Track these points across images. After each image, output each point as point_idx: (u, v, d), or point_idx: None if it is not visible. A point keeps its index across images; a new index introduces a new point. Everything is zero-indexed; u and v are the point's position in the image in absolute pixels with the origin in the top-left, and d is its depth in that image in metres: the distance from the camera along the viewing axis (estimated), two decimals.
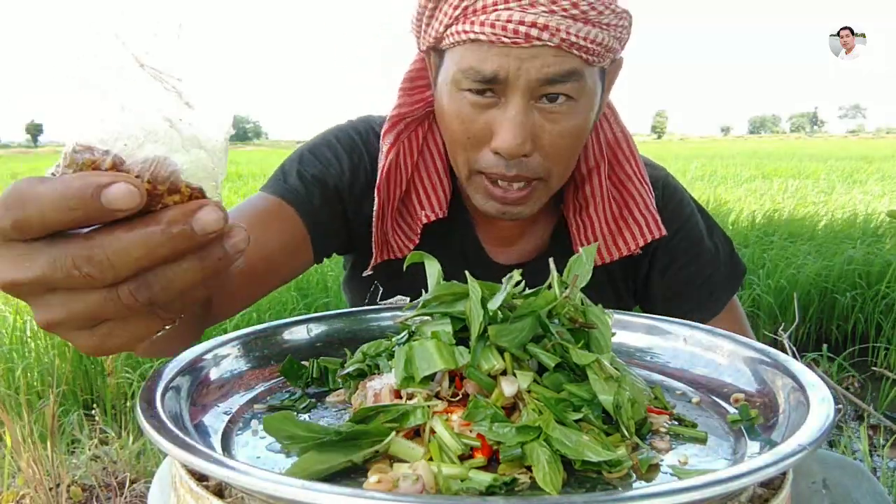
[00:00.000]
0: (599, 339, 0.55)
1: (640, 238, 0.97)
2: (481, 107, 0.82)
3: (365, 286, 1.07)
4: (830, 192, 8.75)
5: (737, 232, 5.12)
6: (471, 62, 0.80)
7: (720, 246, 1.07)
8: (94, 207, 0.35)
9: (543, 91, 0.80)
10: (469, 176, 0.89)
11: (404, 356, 0.51)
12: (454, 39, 0.81)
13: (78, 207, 0.35)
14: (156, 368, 0.56)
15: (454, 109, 0.84)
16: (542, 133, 0.82)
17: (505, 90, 0.80)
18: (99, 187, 0.35)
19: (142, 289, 0.38)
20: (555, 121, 0.82)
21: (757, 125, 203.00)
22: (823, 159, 18.74)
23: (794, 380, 0.54)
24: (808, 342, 3.69)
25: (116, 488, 1.93)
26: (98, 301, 0.39)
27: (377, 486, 0.42)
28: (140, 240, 0.36)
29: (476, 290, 0.53)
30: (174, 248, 0.37)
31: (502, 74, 0.79)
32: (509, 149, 0.80)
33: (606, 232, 0.97)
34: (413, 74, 0.96)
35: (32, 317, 2.89)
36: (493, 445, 0.46)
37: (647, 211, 0.97)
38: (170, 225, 0.36)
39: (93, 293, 0.38)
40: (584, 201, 0.97)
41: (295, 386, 0.64)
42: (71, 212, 0.36)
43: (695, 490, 0.36)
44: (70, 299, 0.39)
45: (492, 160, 0.84)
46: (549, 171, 0.85)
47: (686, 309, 1.03)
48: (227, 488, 0.43)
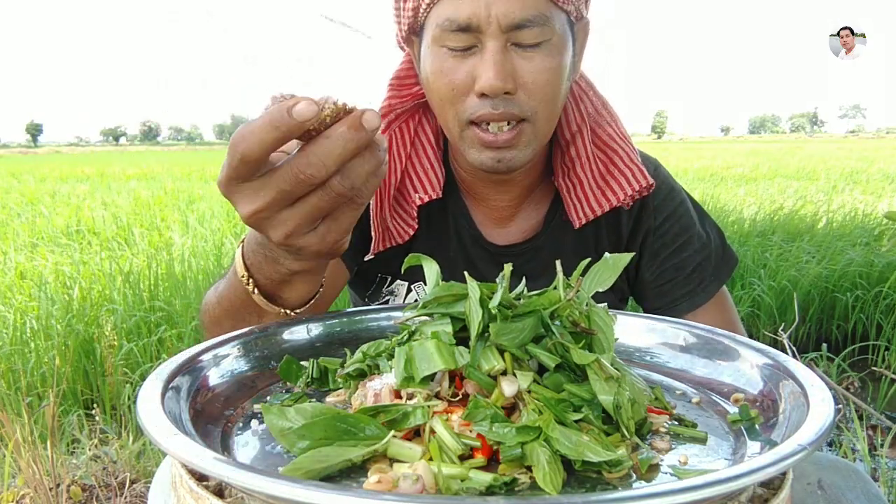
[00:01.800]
0: (602, 341, 0.55)
1: (628, 187, 1.00)
2: (462, 57, 0.88)
3: (370, 279, 1.10)
4: (830, 192, 8.74)
5: (737, 232, 5.11)
6: (446, 14, 0.87)
7: (711, 234, 1.08)
8: (288, 122, 0.51)
9: (515, 37, 0.86)
10: (461, 132, 0.92)
11: (404, 356, 0.51)
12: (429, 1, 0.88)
13: (279, 124, 0.52)
14: (156, 368, 0.56)
15: (437, 67, 0.90)
16: (521, 72, 0.87)
17: (480, 37, 0.86)
18: (289, 107, 0.51)
19: (345, 177, 0.55)
20: (531, 59, 0.87)
21: (757, 125, 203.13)
22: (823, 159, 18.73)
23: (794, 380, 0.54)
24: (808, 342, 3.69)
25: (116, 488, 1.93)
26: (317, 199, 0.56)
27: (377, 486, 0.42)
28: (336, 139, 0.53)
29: (475, 289, 0.53)
30: (358, 142, 0.53)
31: (475, 21, 0.85)
32: (492, 86, 0.85)
33: (595, 186, 1.01)
34: (401, 73, 1.01)
35: (33, 316, 2.89)
36: (493, 445, 0.46)
37: (632, 163, 1.00)
38: (349, 126, 0.53)
39: (312, 196, 0.56)
40: (570, 163, 1.01)
41: (294, 385, 0.64)
42: (276, 130, 0.52)
43: (695, 490, 0.36)
44: (297, 208, 0.57)
45: (478, 104, 0.88)
46: (534, 110, 0.89)
47: (676, 296, 1.04)
48: (227, 488, 0.43)
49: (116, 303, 3.26)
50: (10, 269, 4.15)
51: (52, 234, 5.86)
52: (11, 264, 4.29)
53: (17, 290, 3.63)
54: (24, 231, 5.97)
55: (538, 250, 1.05)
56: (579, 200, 1.01)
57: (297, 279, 0.70)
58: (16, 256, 4.59)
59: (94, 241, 5.40)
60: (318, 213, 0.58)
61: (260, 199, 0.56)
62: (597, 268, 0.59)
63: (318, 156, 0.53)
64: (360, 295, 1.14)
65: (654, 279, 1.06)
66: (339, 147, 0.53)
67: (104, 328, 3.05)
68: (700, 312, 1.03)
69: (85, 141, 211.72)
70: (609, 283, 0.58)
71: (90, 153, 56.64)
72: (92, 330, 2.97)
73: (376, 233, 1.00)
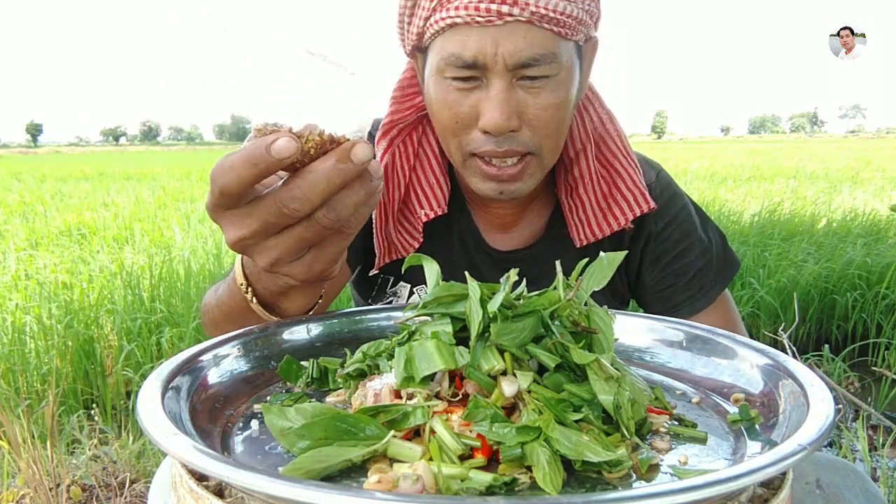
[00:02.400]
0: (602, 341, 0.55)
1: (629, 212, 0.99)
2: (466, 91, 0.86)
3: (373, 280, 1.10)
4: (830, 191, 8.74)
5: (737, 232, 5.11)
6: (451, 49, 0.84)
7: (713, 238, 1.08)
8: (266, 159, 0.50)
9: (521, 74, 0.84)
10: (464, 161, 0.92)
11: (404, 356, 0.51)
12: (434, 29, 0.85)
13: (258, 161, 0.50)
14: (156, 368, 0.56)
15: (441, 97, 0.88)
16: (526, 108, 0.86)
17: (486, 73, 0.84)
18: (267, 144, 0.50)
19: (330, 210, 0.54)
20: (537, 94, 0.86)
21: (757, 125, 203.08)
22: (823, 159, 18.73)
23: (794, 380, 0.54)
24: (808, 342, 3.69)
25: (116, 488, 1.93)
26: (302, 230, 0.55)
27: (377, 486, 0.42)
28: (321, 173, 0.51)
29: (476, 290, 0.53)
30: (345, 176, 0.52)
31: (481, 59, 0.83)
32: (496, 125, 0.84)
33: (598, 209, 1.00)
34: (404, 83, 1.00)
35: (32, 316, 2.88)
36: (493, 445, 0.46)
37: (635, 187, 1.00)
38: (337, 160, 0.51)
39: (297, 226, 0.55)
40: (573, 182, 1.01)
41: (293, 385, 0.64)
42: (254, 167, 0.51)
43: (695, 490, 0.36)
44: (282, 237, 0.56)
45: (482, 140, 0.87)
46: (538, 145, 0.89)
47: (678, 300, 1.04)
48: (227, 488, 0.43)
49: (116, 303, 3.26)
50: (9, 269, 4.15)
51: (52, 234, 5.86)
52: (11, 264, 4.29)
53: (16, 290, 3.62)
54: (24, 231, 5.97)
55: (539, 257, 1.06)
56: (581, 222, 1.01)
57: (296, 292, 0.70)
58: (16, 256, 4.59)
59: (94, 241, 5.40)
60: (304, 243, 0.57)
61: (245, 228, 0.56)
62: (593, 268, 0.59)
63: (302, 190, 0.52)
64: (364, 296, 1.14)
65: (655, 284, 1.06)
66: (324, 182, 0.52)
67: (104, 328, 3.06)
68: (701, 316, 1.03)
69: (85, 141, 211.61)
70: (604, 281, 0.58)
71: (90, 153, 56.63)
72: (92, 330, 2.97)
73: (381, 247, 0.99)
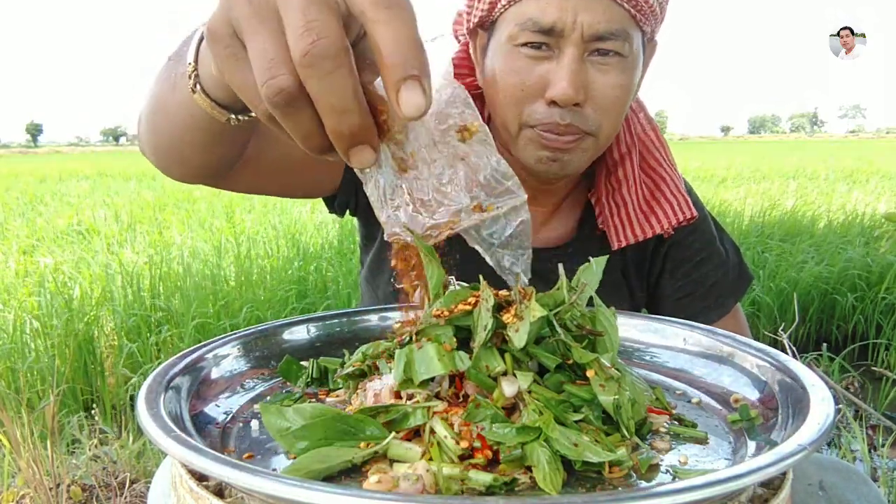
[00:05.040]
0: (605, 342, 0.55)
1: (673, 217, 0.99)
2: (536, 60, 0.86)
3: (385, 278, 1.09)
4: (830, 192, 8.74)
5: (737, 232, 5.11)
6: (530, 13, 0.84)
7: (729, 251, 1.09)
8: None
9: (595, 46, 0.84)
10: (519, 131, 0.90)
11: (404, 359, 0.51)
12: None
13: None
14: (156, 368, 0.56)
15: (510, 65, 0.87)
16: (593, 84, 0.86)
17: (559, 43, 0.84)
18: None
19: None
20: (606, 72, 0.86)
21: (757, 125, 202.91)
22: (823, 159, 18.73)
23: (794, 380, 0.54)
24: (808, 342, 3.69)
25: (116, 488, 1.93)
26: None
27: (377, 486, 0.42)
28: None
29: (489, 298, 0.52)
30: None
31: (559, 26, 0.83)
32: (564, 95, 0.83)
33: (639, 211, 1.00)
34: (455, 62, 0.99)
35: (32, 315, 2.89)
36: (493, 445, 0.46)
37: (679, 192, 1.00)
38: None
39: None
40: (616, 184, 1.00)
41: (293, 385, 0.64)
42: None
43: (695, 490, 0.36)
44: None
45: (544, 112, 0.86)
46: (598, 125, 0.88)
47: (695, 310, 1.05)
48: (227, 488, 0.43)
49: (117, 302, 3.26)
50: (10, 269, 4.15)
51: (52, 233, 5.86)
52: (12, 264, 4.29)
53: (16, 289, 3.62)
54: (24, 231, 5.97)
55: (568, 256, 1.05)
56: (622, 223, 1.00)
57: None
58: (16, 256, 4.59)
59: (94, 241, 5.40)
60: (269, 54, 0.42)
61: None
62: (582, 270, 0.59)
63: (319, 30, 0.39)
64: (382, 287, 1.13)
65: (673, 292, 1.07)
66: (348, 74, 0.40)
67: (104, 328, 3.06)
68: (714, 325, 1.04)
69: (85, 141, 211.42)
70: (594, 286, 0.58)
71: (90, 153, 56.62)
72: (92, 330, 2.97)
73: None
